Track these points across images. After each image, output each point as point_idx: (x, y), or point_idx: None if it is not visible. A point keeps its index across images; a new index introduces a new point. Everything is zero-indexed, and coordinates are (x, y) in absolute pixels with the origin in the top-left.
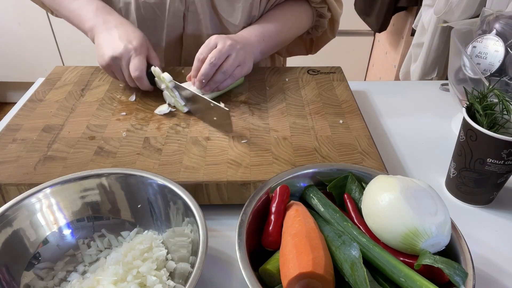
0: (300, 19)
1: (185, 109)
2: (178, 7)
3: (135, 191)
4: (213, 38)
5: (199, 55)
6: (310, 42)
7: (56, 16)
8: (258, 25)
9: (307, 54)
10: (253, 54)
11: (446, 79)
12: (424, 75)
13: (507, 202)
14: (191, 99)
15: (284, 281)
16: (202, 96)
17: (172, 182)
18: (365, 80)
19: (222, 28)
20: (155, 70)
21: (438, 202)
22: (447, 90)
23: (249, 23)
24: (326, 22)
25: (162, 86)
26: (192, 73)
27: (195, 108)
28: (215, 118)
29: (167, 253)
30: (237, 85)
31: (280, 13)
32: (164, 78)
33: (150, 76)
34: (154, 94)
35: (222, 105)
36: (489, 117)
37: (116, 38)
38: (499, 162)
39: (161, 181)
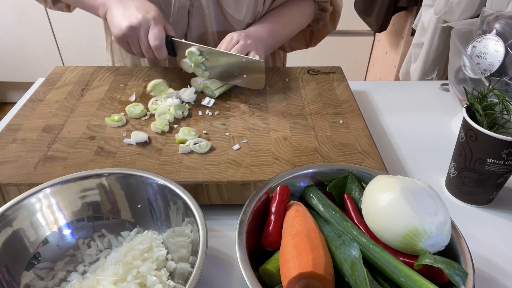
0: (304, 15)
1: (207, 74)
2: (183, 3)
3: (135, 191)
4: (235, 36)
5: (223, 50)
6: (310, 35)
7: (53, 5)
8: (267, 22)
9: (307, 47)
10: (265, 50)
11: (446, 79)
12: (424, 75)
13: (507, 202)
14: (218, 61)
15: (284, 281)
16: (233, 53)
17: (172, 182)
18: (365, 80)
19: (226, 24)
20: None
21: (438, 202)
22: (447, 90)
23: (253, 19)
24: (327, 16)
25: (186, 56)
26: None
27: (221, 70)
28: (245, 76)
29: (167, 253)
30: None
31: (287, 10)
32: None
33: (167, 46)
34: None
35: (257, 57)
36: (489, 117)
37: (132, 9)
38: (499, 162)
39: (161, 181)
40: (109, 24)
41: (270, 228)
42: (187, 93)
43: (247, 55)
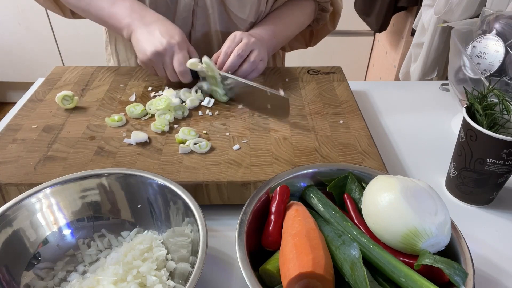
0: (304, 15)
1: (225, 99)
2: (188, 2)
3: (135, 191)
4: (238, 34)
5: (226, 49)
6: (309, 34)
7: (72, 16)
8: (269, 23)
9: (306, 47)
10: (268, 51)
11: (446, 79)
12: (424, 75)
13: (507, 202)
14: (240, 89)
15: (284, 281)
16: (258, 86)
17: (172, 182)
18: (365, 80)
19: (230, 23)
20: (206, 61)
21: (438, 202)
22: (447, 90)
23: (257, 18)
24: (327, 16)
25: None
26: (218, 65)
27: (243, 97)
28: (269, 106)
29: (167, 253)
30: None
31: (288, 11)
32: (214, 70)
33: (191, 70)
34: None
35: (281, 92)
36: (489, 117)
37: (157, 33)
38: (499, 162)
39: (161, 181)
40: (134, 48)
41: (270, 228)
42: (190, 100)
43: (250, 53)
